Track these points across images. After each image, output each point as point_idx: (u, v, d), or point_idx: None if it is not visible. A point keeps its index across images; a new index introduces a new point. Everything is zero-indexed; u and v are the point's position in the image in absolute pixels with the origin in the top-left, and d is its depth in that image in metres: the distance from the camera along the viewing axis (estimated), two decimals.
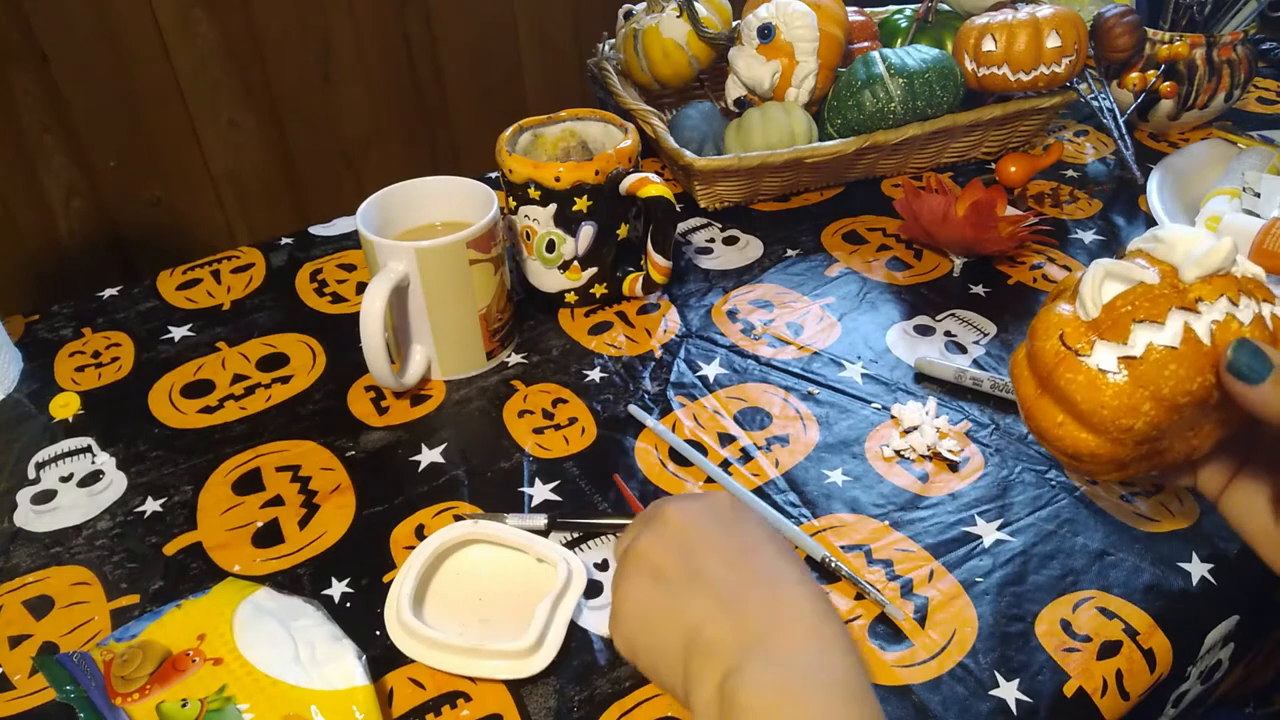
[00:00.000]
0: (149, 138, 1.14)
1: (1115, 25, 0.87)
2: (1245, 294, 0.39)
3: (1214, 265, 0.39)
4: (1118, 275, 0.40)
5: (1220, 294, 0.38)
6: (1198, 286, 0.39)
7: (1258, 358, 0.36)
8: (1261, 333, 0.38)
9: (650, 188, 0.66)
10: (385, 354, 0.61)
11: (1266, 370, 0.36)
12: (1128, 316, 0.39)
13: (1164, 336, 0.38)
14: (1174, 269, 0.39)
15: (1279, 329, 0.39)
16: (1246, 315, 0.38)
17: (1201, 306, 0.38)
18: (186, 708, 0.43)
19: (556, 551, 0.51)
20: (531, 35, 1.34)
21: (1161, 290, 0.39)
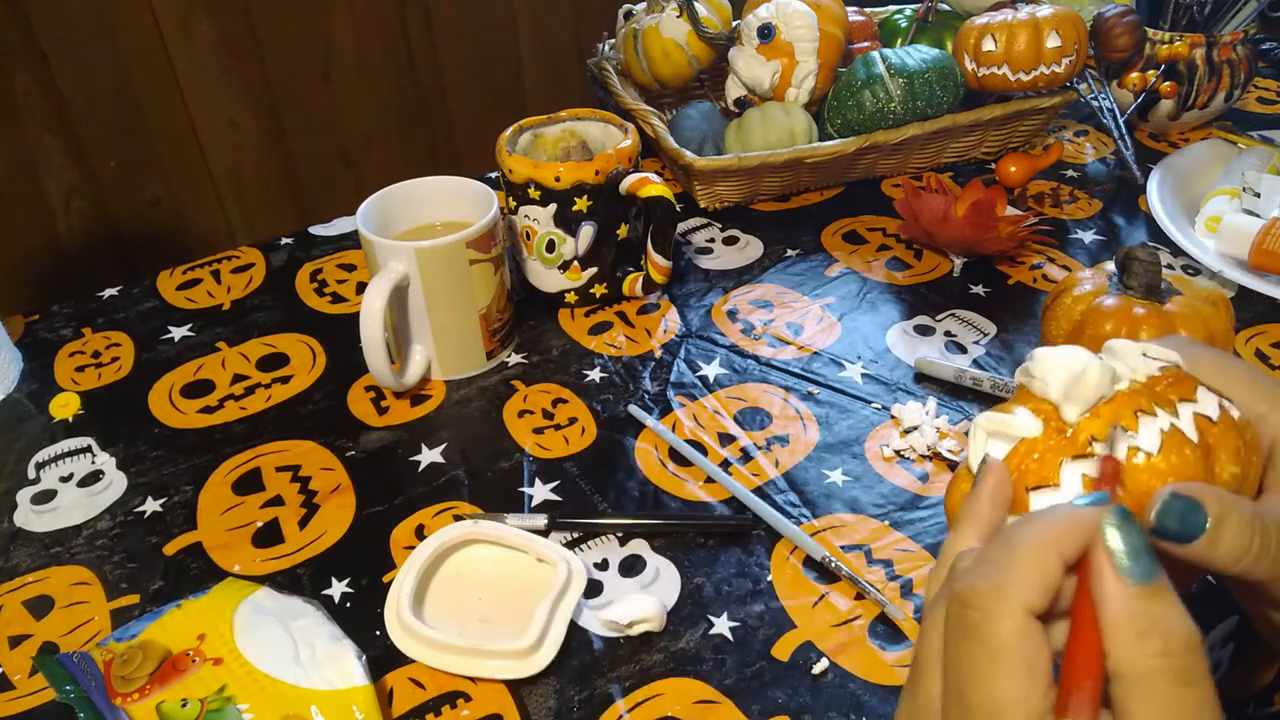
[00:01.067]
0: (149, 138, 1.14)
1: (1115, 25, 0.87)
2: (1144, 412, 0.31)
3: (1089, 396, 0.31)
4: (1000, 434, 0.33)
5: (1111, 424, 0.31)
6: (1085, 424, 0.31)
7: (1186, 517, 0.28)
8: (1179, 456, 0.30)
9: (650, 188, 0.66)
10: (385, 354, 0.61)
11: (1200, 525, 0.28)
12: (1019, 484, 0.32)
13: (1064, 499, 0.31)
14: (1055, 408, 0.32)
15: (1207, 432, 0.31)
16: (1152, 440, 0.31)
17: (1097, 448, 0.31)
18: (186, 708, 0.43)
19: (556, 551, 0.51)
20: (531, 35, 1.34)
21: (1046, 443, 0.32)
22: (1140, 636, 0.24)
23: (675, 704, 0.46)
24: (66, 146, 1.10)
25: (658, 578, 0.53)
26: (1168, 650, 0.24)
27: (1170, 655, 0.24)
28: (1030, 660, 0.26)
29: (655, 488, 0.58)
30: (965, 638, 0.27)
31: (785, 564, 0.53)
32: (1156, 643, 0.24)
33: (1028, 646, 0.26)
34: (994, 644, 0.26)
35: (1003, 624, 0.26)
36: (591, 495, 0.58)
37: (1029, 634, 0.26)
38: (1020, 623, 0.26)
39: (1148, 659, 0.24)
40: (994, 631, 0.26)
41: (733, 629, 0.50)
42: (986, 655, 0.26)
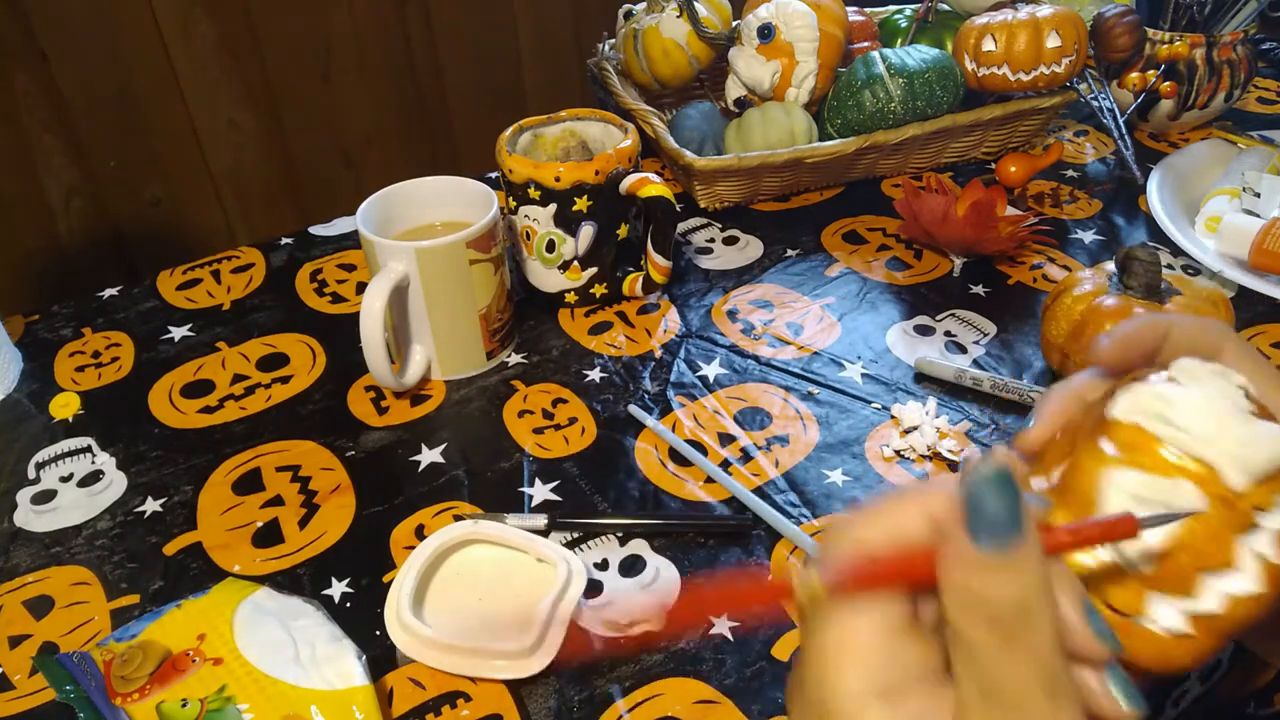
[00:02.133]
0: (149, 138, 1.14)
1: (1115, 25, 0.87)
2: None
3: (1264, 465, 0.27)
4: (1151, 499, 0.28)
5: (1275, 493, 0.27)
6: (1252, 493, 0.27)
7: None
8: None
9: (650, 188, 0.66)
10: (385, 354, 0.61)
11: None
12: (1190, 567, 0.28)
13: (1241, 582, 0.28)
14: (1210, 469, 0.27)
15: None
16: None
17: (1262, 519, 0.28)
18: (186, 708, 0.43)
19: (556, 551, 0.51)
20: (531, 35, 1.34)
21: (1216, 519, 0.27)
22: (966, 601, 0.24)
23: (675, 704, 0.46)
24: (66, 146, 1.10)
25: (658, 578, 0.53)
26: (993, 613, 0.23)
27: (994, 617, 0.23)
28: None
29: (655, 488, 0.58)
30: None
31: (785, 564, 0.53)
32: (981, 608, 0.23)
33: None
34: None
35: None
36: (591, 495, 0.58)
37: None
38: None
39: (968, 625, 0.24)
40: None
41: (733, 629, 0.50)
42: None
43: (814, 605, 0.26)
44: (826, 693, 0.25)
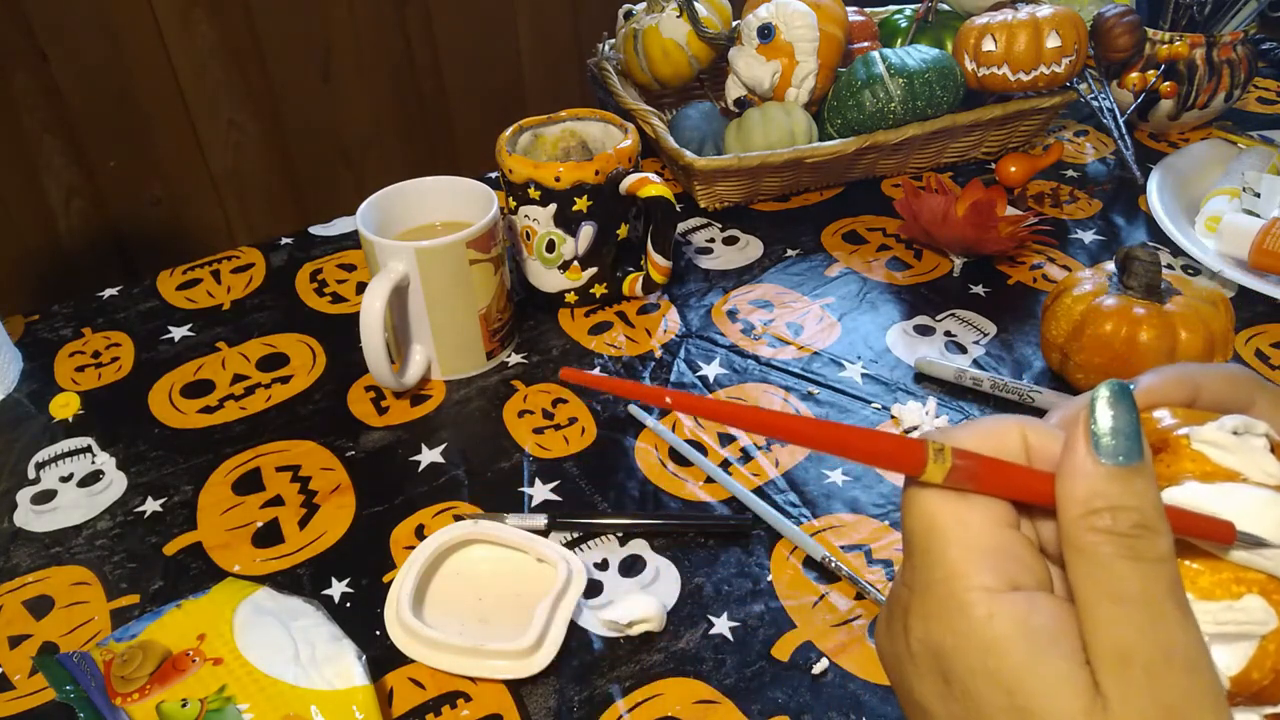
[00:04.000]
0: (149, 138, 1.14)
1: (1115, 25, 0.87)
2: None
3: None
4: (1228, 636, 0.25)
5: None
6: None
7: None
8: None
9: (650, 188, 0.66)
10: (385, 354, 0.61)
11: None
12: (1274, 689, 0.26)
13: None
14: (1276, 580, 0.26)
15: None
16: None
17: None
18: (186, 708, 0.43)
19: (556, 551, 0.51)
20: (531, 35, 1.34)
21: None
22: (1089, 511, 0.23)
23: (675, 704, 0.46)
24: (66, 146, 1.10)
25: (658, 578, 0.53)
26: (1114, 525, 0.23)
27: (1116, 530, 0.23)
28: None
29: (655, 488, 0.58)
30: None
31: (785, 564, 0.53)
32: (1104, 518, 0.23)
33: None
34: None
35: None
36: (591, 495, 0.58)
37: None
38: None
39: (1090, 532, 0.23)
40: None
41: (733, 629, 0.50)
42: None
43: (929, 483, 0.25)
44: (957, 589, 0.24)
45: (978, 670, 0.24)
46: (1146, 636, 0.22)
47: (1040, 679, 0.23)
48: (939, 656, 0.25)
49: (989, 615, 0.24)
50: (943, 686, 0.25)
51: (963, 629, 0.24)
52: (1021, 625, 0.23)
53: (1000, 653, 0.23)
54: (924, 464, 0.24)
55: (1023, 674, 0.23)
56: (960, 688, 0.24)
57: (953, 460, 0.24)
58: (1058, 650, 0.23)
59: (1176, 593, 0.23)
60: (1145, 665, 0.22)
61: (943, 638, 0.24)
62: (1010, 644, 0.23)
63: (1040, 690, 0.23)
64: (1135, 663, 0.22)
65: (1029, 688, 0.23)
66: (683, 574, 0.53)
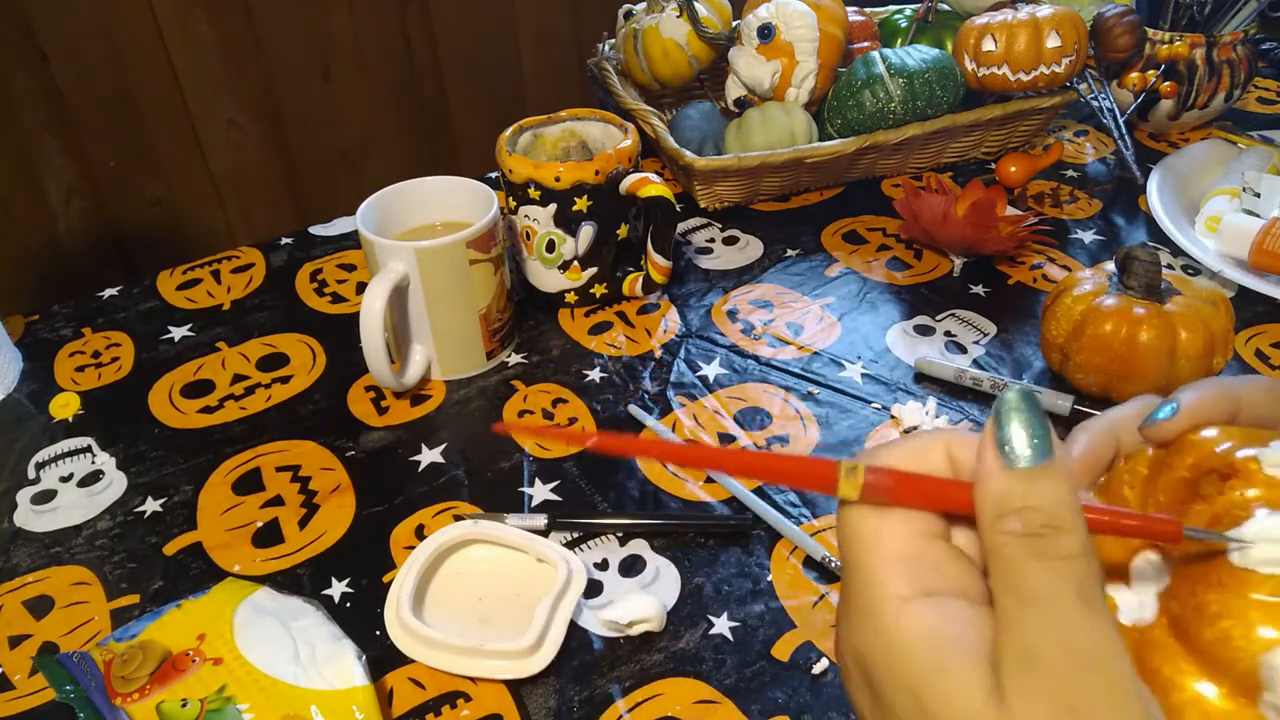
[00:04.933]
0: (149, 138, 1.14)
1: (1115, 25, 0.87)
2: None
3: None
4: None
5: None
6: None
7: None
8: None
9: (650, 188, 0.66)
10: (385, 354, 0.61)
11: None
12: None
13: None
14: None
15: None
16: None
17: None
18: (186, 708, 0.43)
19: (556, 551, 0.51)
20: (531, 35, 1.34)
21: None
22: (998, 515, 0.24)
23: (675, 704, 0.46)
24: (66, 146, 1.10)
25: (658, 578, 0.53)
26: (1024, 527, 0.23)
27: (1024, 531, 0.23)
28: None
29: (655, 488, 0.58)
30: None
31: (785, 564, 0.53)
32: (1012, 520, 0.24)
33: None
34: None
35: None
36: (591, 495, 0.58)
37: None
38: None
39: (999, 535, 0.24)
40: None
41: (733, 629, 0.50)
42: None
43: (850, 500, 0.26)
44: (871, 598, 0.25)
45: (890, 677, 0.24)
46: (1049, 634, 0.22)
47: (941, 680, 0.23)
48: (863, 665, 0.25)
49: (897, 621, 0.24)
50: (870, 696, 0.25)
51: (875, 636, 0.24)
52: (927, 629, 0.24)
53: (907, 656, 0.24)
54: (835, 481, 0.25)
55: (926, 676, 0.23)
56: (881, 695, 0.25)
57: (865, 477, 0.25)
58: (959, 651, 0.23)
59: (1086, 590, 0.23)
60: (1047, 664, 0.22)
61: (863, 647, 0.25)
62: (915, 647, 0.24)
63: (941, 691, 0.23)
64: (1037, 661, 0.22)
65: (931, 689, 0.23)
66: (683, 574, 0.53)
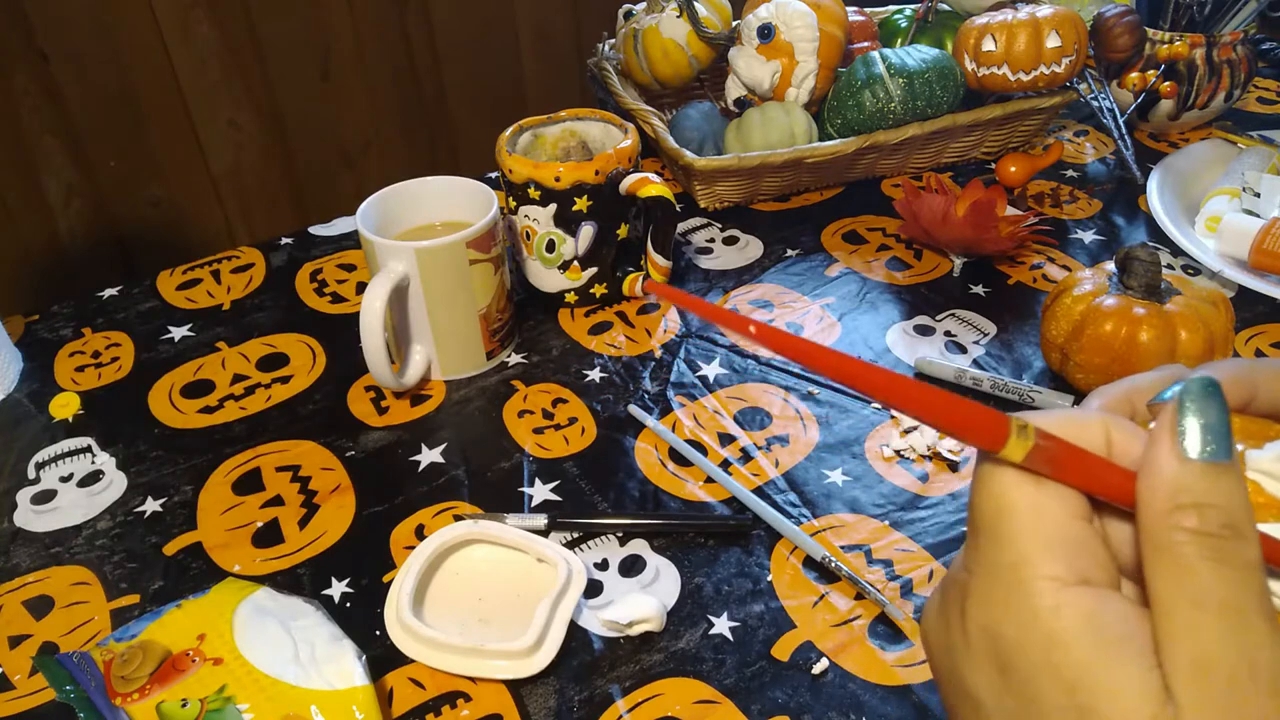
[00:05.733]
0: (149, 138, 1.14)
1: (1115, 25, 0.87)
2: None
3: None
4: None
5: None
6: None
7: None
8: None
9: (650, 188, 0.66)
10: (385, 354, 0.61)
11: None
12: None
13: None
14: None
15: None
16: None
17: None
18: (186, 708, 0.43)
19: (556, 551, 0.51)
20: (531, 35, 1.34)
21: None
22: (1174, 508, 0.22)
23: (675, 704, 0.46)
24: (66, 146, 1.10)
25: (658, 578, 0.53)
26: (1202, 525, 0.21)
27: (1202, 530, 0.21)
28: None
29: (655, 488, 0.58)
30: None
31: (785, 564, 0.53)
32: (1190, 516, 0.21)
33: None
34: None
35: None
36: (591, 495, 0.58)
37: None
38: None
39: (1174, 530, 0.22)
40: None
41: (733, 629, 0.50)
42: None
43: (1008, 462, 0.23)
44: (1024, 577, 0.23)
45: (1039, 663, 0.22)
46: (1229, 646, 0.21)
47: (1106, 678, 0.21)
48: (998, 645, 0.23)
49: (1056, 606, 0.22)
50: (998, 678, 0.23)
51: (1026, 618, 0.23)
52: (1090, 621, 0.22)
53: (1065, 646, 0.22)
54: (1006, 438, 0.23)
55: (1087, 671, 0.22)
56: (1018, 680, 0.23)
57: (1036, 439, 0.23)
58: (1127, 650, 0.22)
59: (1265, 605, 0.21)
60: (1227, 677, 0.21)
61: (1004, 626, 0.23)
62: (1076, 638, 0.22)
63: (1105, 690, 0.21)
64: (1215, 673, 0.21)
65: (1093, 686, 0.22)
66: (683, 574, 0.53)
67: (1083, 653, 0.22)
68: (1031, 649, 0.22)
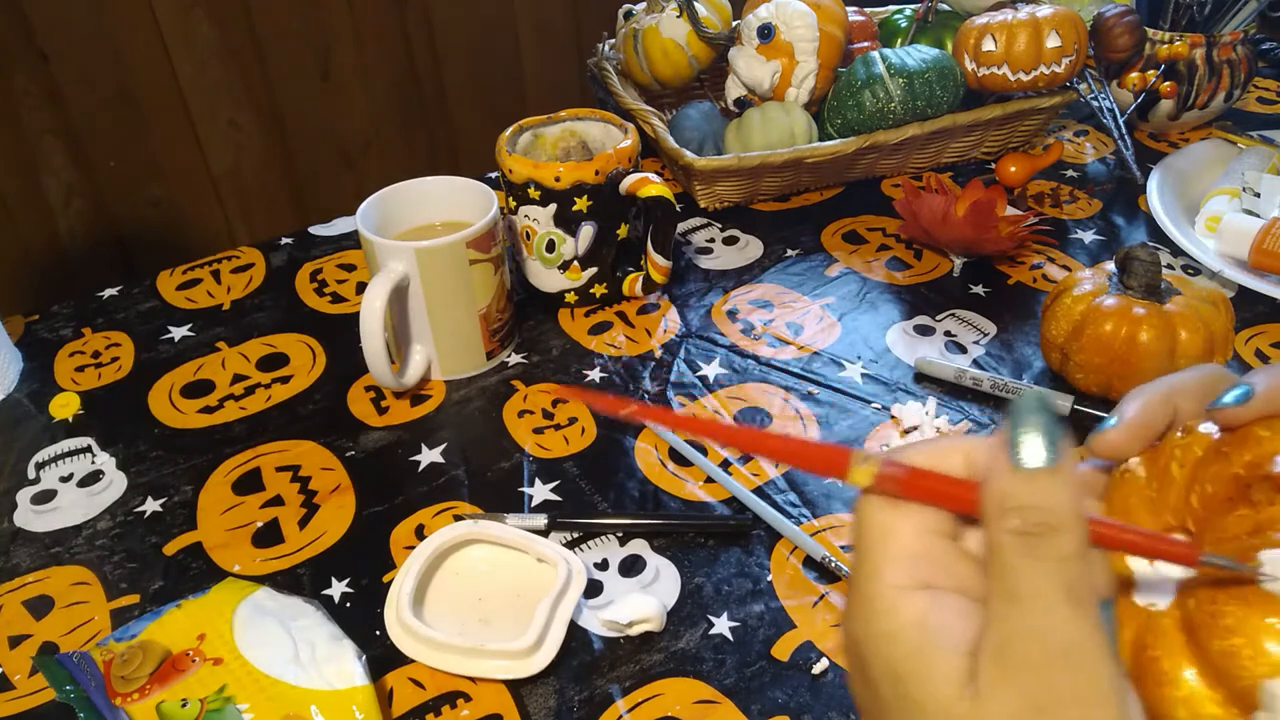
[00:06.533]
0: (149, 138, 1.14)
1: (1115, 25, 0.87)
2: None
3: None
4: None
5: None
6: None
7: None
8: None
9: (650, 188, 0.66)
10: (385, 354, 0.61)
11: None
12: None
13: None
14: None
15: None
16: None
17: None
18: (186, 708, 0.43)
19: (556, 551, 0.51)
20: (531, 35, 1.34)
21: None
22: (1001, 513, 0.24)
23: (675, 704, 0.46)
24: (66, 146, 1.10)
25: (658, 578, 0.53)
26: (1022, 525, 0.24)
27: (1022, 530, 0.24)
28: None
29: (655, 488, 0.58)
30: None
31: (785, 564, 0.53)
32: (1012, 518, 0.24)
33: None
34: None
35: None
36: (591, 495, 0.58)
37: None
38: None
39: (1001, 532, 0.24)
40: None
41: (733, 629, 0.50)
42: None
43: (863, 492, 0.26)
44: (872, 586, 0.25)
45: (878, 659, 0.25)
46: (1027, 629, 0.23)
47: (921, 667, 0.24)
48: (857, 650, 0.26)
49: (893, 608, 0.25)
50: (861, 678, 0.26)
51: (872, 621, 0.25)
52: (917, 618, 0.24)
53: (895, 642, 0.25)
54: (847, 468, 0.26)
55: (907, 660, 0.24)
56: (870, 679, 0.25)
57: (880, 467, 0.26)
58: (941, 639, 0.24)
59: (1075, 589, 0.23)
60: (1021, 657, 0.23)
61: (858, 631, 0.26)
62: (904, 635, 0.24)
63: (919, 677, 0.24)
64: (1012, 654, 0.23)
65: (911, 674, 0.24)
66: (683, 574, 0.53)
67: (907, 646, 0.24)
68: (873, 648, 0.25)
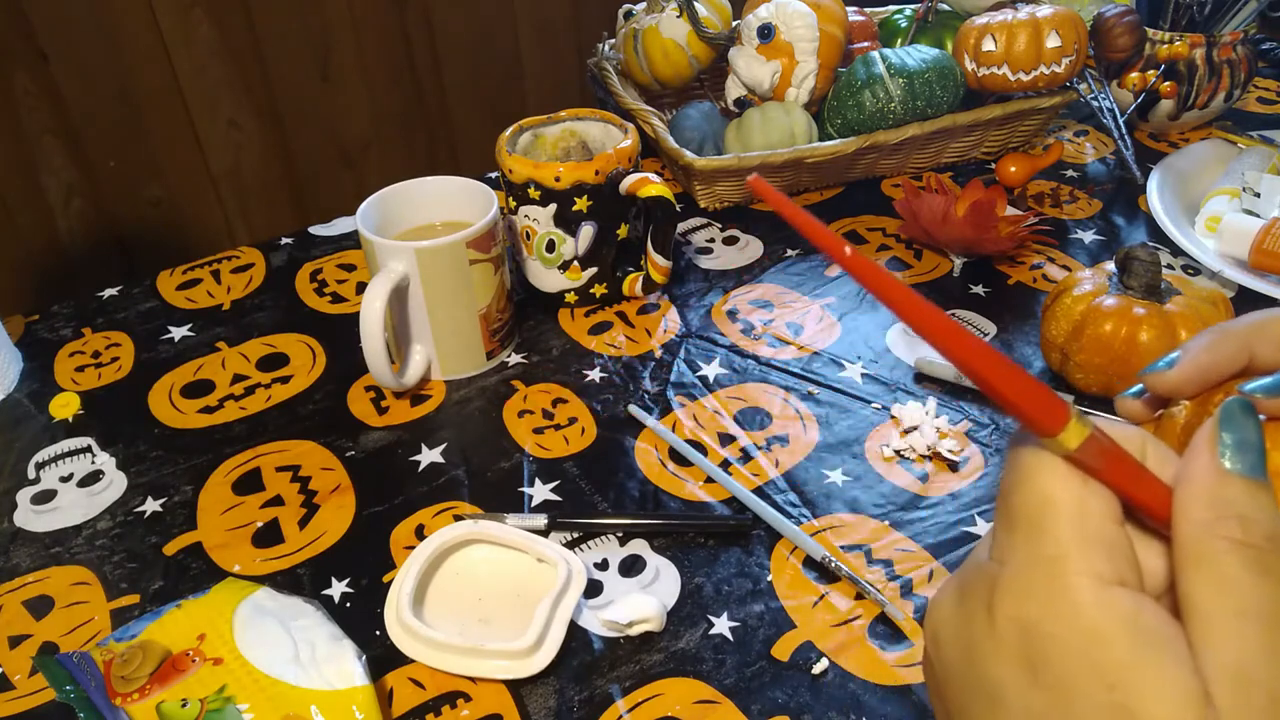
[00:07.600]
0: (149, 138, 1.14)
1: (1115, 25, 0.87)
2: None
3: None
4: None
5: None
6: None
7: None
8: None
9: (650, 188, 0.66)
10: (385, 354, 0.61)
11: None
12: None
13: None
14: None
15: None
16: None
17: None
18: (186, 708, 0.43)
19: (556, 551, 0.51)
20: (531, 35, 1.34)
21: None
22: (1217, 517, 0.22)
23: (675, 704, 0.46)
24: (66, 146, 1.10)
25: (658, 578, 0.53)
26: (1246, 536, 0.21)
27: (1248, 542, 0.21)
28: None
29: (655, 488, 0.58)
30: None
31: (785, 564, 0.53)
32: (1234, 526, 0.21)
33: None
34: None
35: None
36: (591, 495, 0.58)
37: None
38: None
39: (1216, 539, 0.22)
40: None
41: (733, 629, 0.50)
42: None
43: (1058, 452, 0.23)
44: (1063, 570, 0.22)
45: (1077, 658, 0.22)
46: (1272, 658, 0.21)
47: (1148, 678, 0.21)
48: (1029, 638, 0.23)
49: (1096, 603, 0.22)
50: (1026, 671, 0.23)
51: (1066, 612, 0.22)
52: (1131, 620, 0.22)
53: (1106, 644, 0.22)
54: (1065, 421, 0.22)
55: (1130, 670, 0.21)
56: (1052, 675, 0.22)
57: (1093, 430, 0.23)
58: (1169, 653, 0.21)
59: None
60: (1268, 691, 0.20)
61: (1039, 619, 0.22)
62: (1118, 636, 0.22)
63: (1147, 690, 0.21)
64: (1257, 684, 0.20)
65: (1134, 685, 0.21)
66: (683, 574, 0.53)
67: (1124, 651, 0.21)
68: (1070, 644, 0.22)
